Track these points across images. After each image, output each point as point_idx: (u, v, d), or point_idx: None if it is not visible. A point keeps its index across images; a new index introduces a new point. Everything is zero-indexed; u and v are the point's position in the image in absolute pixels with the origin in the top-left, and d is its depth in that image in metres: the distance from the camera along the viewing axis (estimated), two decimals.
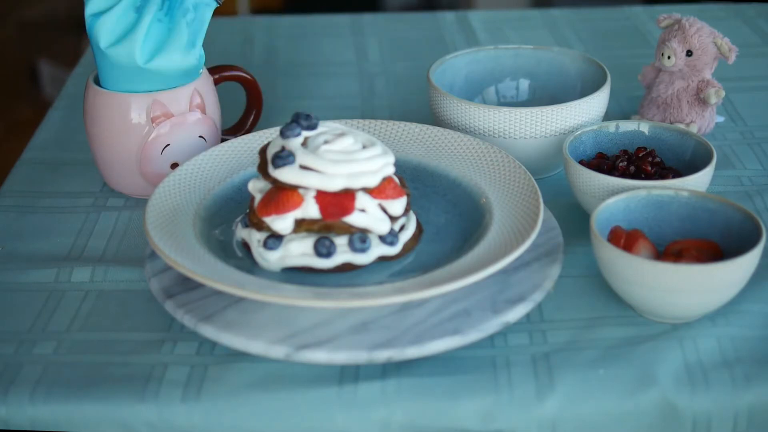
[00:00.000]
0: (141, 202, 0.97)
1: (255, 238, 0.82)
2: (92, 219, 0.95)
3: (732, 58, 1.01)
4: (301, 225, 0.80)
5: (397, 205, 0.82)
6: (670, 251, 0.81)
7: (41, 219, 0.95)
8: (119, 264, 0.88)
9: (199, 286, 0.79)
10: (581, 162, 0.92)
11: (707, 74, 1.03)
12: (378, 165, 0.81)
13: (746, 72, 1.20)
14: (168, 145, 0.94)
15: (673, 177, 0.89)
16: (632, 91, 1.16)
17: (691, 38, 1.01)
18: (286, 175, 0.80)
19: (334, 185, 0.79)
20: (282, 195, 0.80)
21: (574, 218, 0.91)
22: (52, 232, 0.93)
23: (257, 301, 0.78)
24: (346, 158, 0.79)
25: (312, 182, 0.79)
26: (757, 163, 1.02)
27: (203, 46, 0.95)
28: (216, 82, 1.00)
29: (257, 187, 0.83)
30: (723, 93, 1.01)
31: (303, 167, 0.79)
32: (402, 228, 0.84)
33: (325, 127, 0.83)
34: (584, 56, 1.06)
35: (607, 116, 1.07)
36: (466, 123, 0.96)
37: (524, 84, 1.09)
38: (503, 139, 0.95)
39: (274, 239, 0.81)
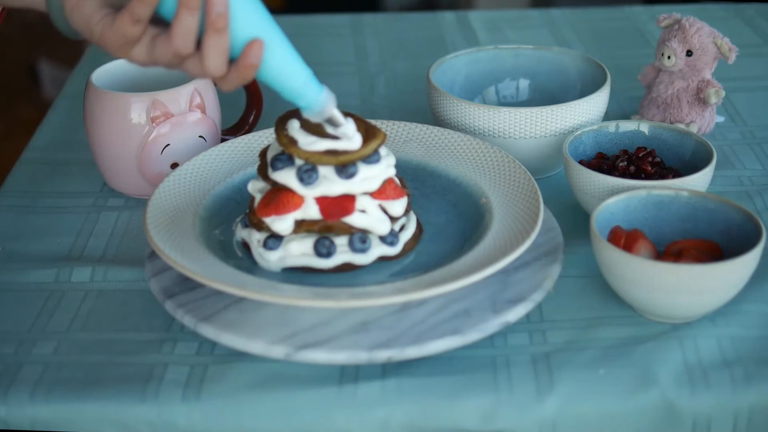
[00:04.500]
0: (141, 202, 0.97)
1: (255, 238, 0.82)
2: (92, 219, 0.95)
3: (732, 58, 1.01)
4: (301, 225, 0.80)
5: (398, 206, 0.82)
6: (670, 251, 0.81)
7: (41, 219, 0.95)
8: (119, 264, 0.88)
9: (199, 286, 0.79)
10: (581, 162, 0.92)
11: (707, 74, 1.03)
12: (378, 169, 0.81)
13: (746, 72, 1.20)
14: (168, 145, 0.94)
15: (673, 177, 0.89)
16: (632, 91, 1.16)
17: (691, 38, 1.01)
18: (285, 177, 0.80)
19: (333, 191, 0.79)
20: (282, 196, 0.80)
21: (574, 218, 0.90)
22: (52, 232, 0.93)
23: (257, 301, 0.78)
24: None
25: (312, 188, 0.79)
26: (757, 163, 1.02)
27: None
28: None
29: (257, 188, 0.83)
30: (723, 93, 1.01)
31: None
32: (402, 228, 0.84)
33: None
34: (584, 56, 1.06)
35: (607, 116, 1.07)
36: (466, 123, 0.96)
37: (524, 84, 1.09)
38: (503, 139, 0.95)
39: (274, 239, 0.81)
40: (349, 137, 0.78)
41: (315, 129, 0.79)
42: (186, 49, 0.71)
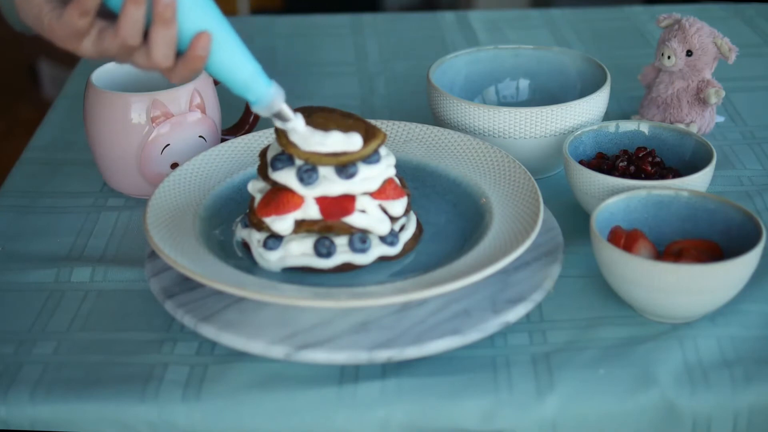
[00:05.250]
0: (141, 202, 0.97)
1: (255, 238, 0.82)
2: (92, 219, 0.95)
3: (732, 58, 1.01)
4: (301, 225, 0.81)
5: (398, 206, 0.82)
6: (670, 251, 0.81)
7: (41, 219, 0.95)
8: (119, 264, 0.88)
9: (199, 286, 0.79)
10: (581, 162, 0.92)
11: (707, 74, 1.03)
12: (378, 169, 0.80)
13: (746, 72, 1.20)
14: (168, 145, 0.94)
15: (673, 177, 0.89)
16: (632, 91, 1.16)
17: (691, 38, 1.01)
18: (285, 177, 0.80)
19: (333, 191, 0.79)
20: (282, 196, 0.80)
21: (574, 218, 0.91)
22: (52, 232, 0.93)
23: (257, 301, 0.78)
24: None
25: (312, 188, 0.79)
26: (757, 163, 1.02)
27: None
28: (216, 82, 1.00)
29: (257, 188, 0.83)
30: (723, 93, 1.01)
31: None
32: (402, 228, 0.84)
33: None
34: (584, 56, 1.06)
35: (607, 116, 1.07)
36: (466, 123, 0.96)
37: (524, 84, 1.09)
38: (503, 139, 0.95)
39: (274, 239, 0.81)
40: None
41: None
42: (133, 41, 0.71)
